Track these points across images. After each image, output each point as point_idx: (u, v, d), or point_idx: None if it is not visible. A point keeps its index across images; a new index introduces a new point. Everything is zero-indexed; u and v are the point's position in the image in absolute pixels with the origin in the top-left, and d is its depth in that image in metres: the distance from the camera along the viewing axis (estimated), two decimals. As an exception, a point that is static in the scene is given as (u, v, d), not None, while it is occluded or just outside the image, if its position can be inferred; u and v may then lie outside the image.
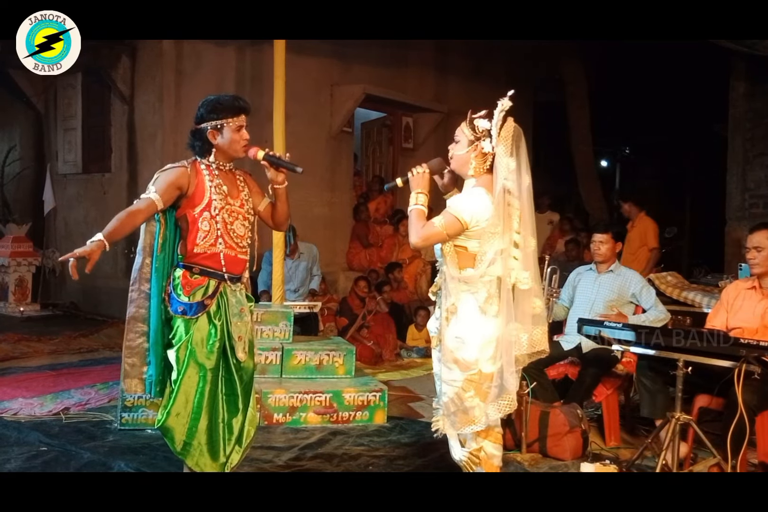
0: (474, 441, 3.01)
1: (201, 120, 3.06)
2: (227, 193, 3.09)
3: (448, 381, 2.97)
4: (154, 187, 2.97)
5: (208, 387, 3.03)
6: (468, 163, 3.00)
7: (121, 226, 2.91)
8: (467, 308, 2.93)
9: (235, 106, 3.06)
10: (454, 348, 2.94)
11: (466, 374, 2.93)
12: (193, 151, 3.11)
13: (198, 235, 3.02)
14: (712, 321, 4.08)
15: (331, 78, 8.27)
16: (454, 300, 2.95)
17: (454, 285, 2.95)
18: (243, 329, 3.14)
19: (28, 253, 8.49)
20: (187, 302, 3.01)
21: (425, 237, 2.93)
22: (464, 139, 2.99)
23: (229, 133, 3.04)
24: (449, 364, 2.96)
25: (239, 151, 3.09)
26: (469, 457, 3.01)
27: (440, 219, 2.91)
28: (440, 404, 3.08)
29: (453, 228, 2.90)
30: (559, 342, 4.55)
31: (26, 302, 8.40)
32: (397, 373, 6.23)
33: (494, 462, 3.03)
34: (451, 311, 2.96)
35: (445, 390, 3.00)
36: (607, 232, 4.64)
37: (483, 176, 2.98)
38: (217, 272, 3.06)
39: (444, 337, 2.99)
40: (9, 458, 3.74)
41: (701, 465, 3.61)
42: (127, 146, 8.11)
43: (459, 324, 2.94)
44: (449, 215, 2.91)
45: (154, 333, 3.10)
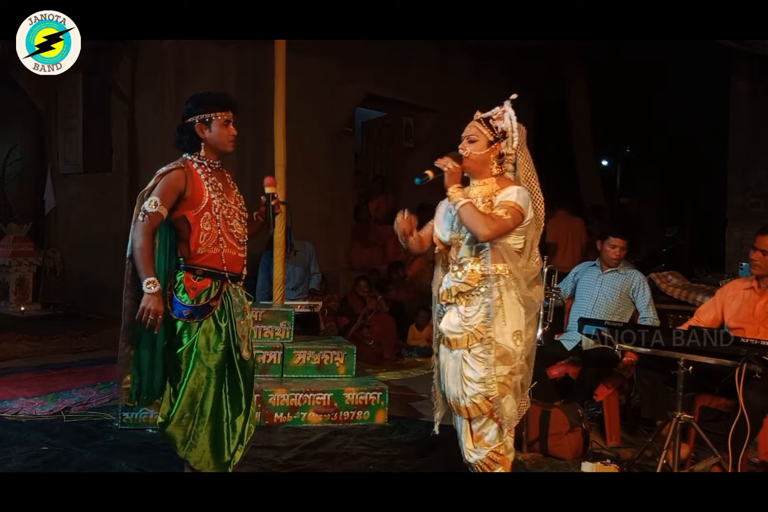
0: (498, 437, 2.99)
1: (188, 114, 3.05)
2: (223, 190, 3.09)
3: (488, 378, 2.94)
4: (158, 198, 2.94)
5: (213, 389, 3.03)
6: (488, 163, 3.01)
7: (150, 254, 2.95)
8: (515, 301, 2.97)
9: (223, 101, 3.08)
10: (509, 342, 2.94)
11: (510, 368, 2.95)
12: (181, 147, 3.09)
13: (200, 236, 3.01)
14: (700, 317, 4.07)
15: (332, 77, 8.26)
16: (500, 294, 2.95)
17: (499, 281, 2.95)
18: (246, 328, 3.16)
19: (29, 252, 8.49)
20: (192, 305, 2.99)
21: (497, 229, 2.89)
22: (483, 139, 2.99)
23: (216, 127, 3.03)
24: (494, 361, 2.93)
25: (227, 145, 3.08)
26: (491, 455, 2.99)
27: (505, 211, 2.90)
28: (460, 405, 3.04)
29: (516, 220, 2.92)
30: (560, 341, 4.56)
31: (27, 302, 8.39)
32: (398, 373, 6.23)
33: (511, 458, 3.04)
34: (498, 306, 2.94)
35: (481, 390, 2.95)
36: (625, 238, 4.66)
37: (501, 177, 3.03)
38: (220, 272, 3.06)
39: (491, 333, 2.94)
40: (10, 457, 3.74)
41: (702, 465, 3.61)
42: (127, 146, 8.11)
43: (509, 317, 2.95)
44: (513, 208, 2.90)
45: (137, 337, 3.06)
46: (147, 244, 2.92)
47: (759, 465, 3.77)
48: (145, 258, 2.90)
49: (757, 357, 3.28)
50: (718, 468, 3.51)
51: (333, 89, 8.32)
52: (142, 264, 2.90)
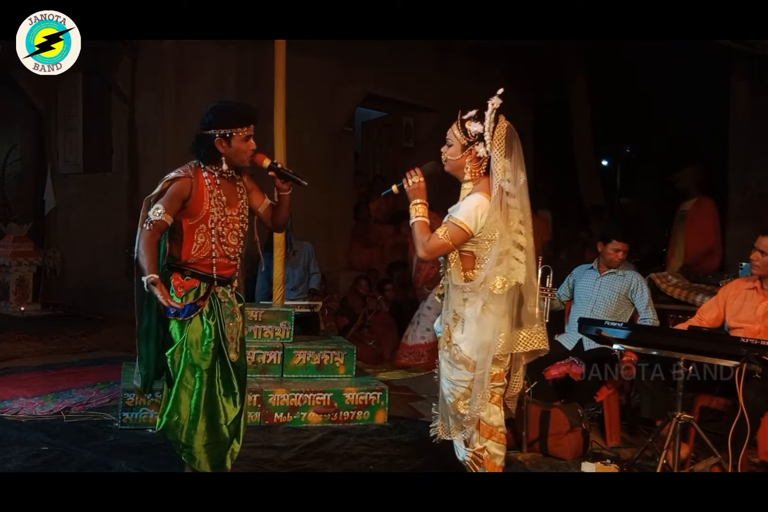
0: (478, 441, 3.01)
1: (208, 126, 3.02)
2: (226, 203, 3.08)
3: (456, 381, 2.98)
4: (162, 206, 2.96)
5: (204, 389, 3.04)
6: (463, 167, 2.98)
7: (153, 260, 2.97)
8: (472, 311, 2.93)
9: (246, 116, 3.04)
10: (462, 350, 2.94)
11: (473, 375, 2.94)
12: (198, 157, 3.08)
13: (193, 247, 3.05)
14: (702, 315, 4.07)
15: (332, 77, 8.26)
16: (459, 303, 2.95)
17: (456, 291, 2.95)
18: (235, 330, 3.18)
19: (29, 252, 8.48)
20: (179, 303, 3.01)
21: (432, 250, 2.92)
22: (457, 144, 2.96)
23: (236, 142, 3.02)
24: (458, 365, 2.97)
25: (245, 160, 3.08)
26: (473, 457, 3.02)
27: (443, 230, 2.89)
28: (441, 407, 3.09)
29: (458, 237, 2.89)
30: (560, 341, 4.56)
31: (27, 302, 8.39)
32: (398, 373, 6.23)
33: (497, 462, 3.03)
34: (459, 312, 2.97)
35: (453, 390, 3.00)
36: (628, 241, 4.65)
37: (480, 180, 2.97)
38: (208, 275, 3.09)
39: (452, 338, 2.99)
40: (10, 457, 3.74)
41: (702, 465, 3.61)
42: (128, 146, 8.10)
43: (467, 325, 2.94)
44: (452, 225, 2.89)
45: (146, 333, 3.13)
46: (151, 251, 2.97)
47: (759, 465, 3.77)
48: (148, 263, 2.94)
49: (757, 357, 3.28)
50: (718, 468, 3.51)
51: (333, 89, 8.32)
52: (146, 266, 2.93)
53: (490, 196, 2.90)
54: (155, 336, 3.13)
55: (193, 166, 3.07)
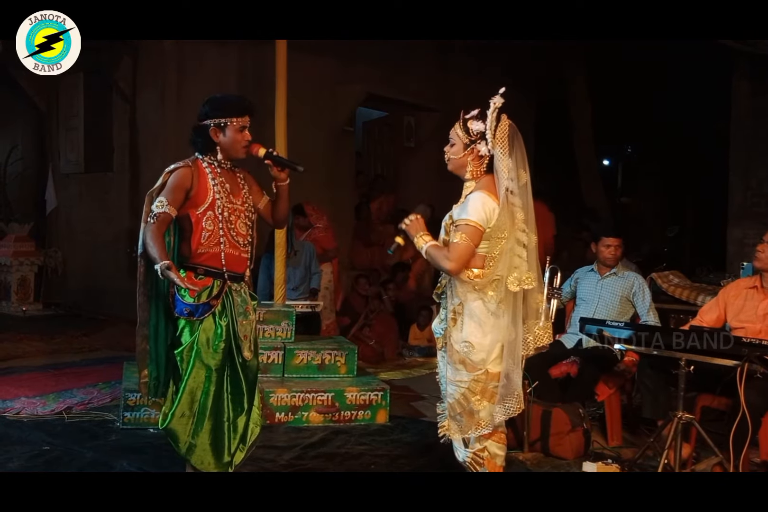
0: (477, 441, 3.01)
1: (205, 117, 3.04)
2: (229, 191, 3.08)
3: (455, 381, 2.98)
4: (165, 198, 2.93)
5: (213, 388, 3.03)
6: (465, 166, 2.99)
7: (162, 245, 2.88)
8: (474, 309, 2.93)
9: (241, 106, 3.05)
10: (461, 349, 2.94)
11: (473, 375, 2.93)
12: (195, 148, 3.10)
13: (202, 235, 3.01)
14: (703, 317, 4.06)
15: (333, 77, 8.27)
16: (462, 300, 2.95)
17: (462, 287, 2.94)
18: (248, 328, 3.15)
19: (31, 252, 8.50)
20: (193, 303, 2.99)
21: (457, 257, 2.87)
22: (459, 143, 2.97)
23: (231, 132, 3.02)
24: (456, 365, 2.96)
25: (240, 151, 3.07)
26: (473, 457, 3.02)
27: (459, 235, 2.87)
28: (445, 407, 3.09)
29: (476, 236, 2.88)
30: (561, 341, 4.55)
31: (28, 301, 8.41)
32: (399, 373, 6.23)
33: (497, 462, 3.03)
34: (458, 312, 2.96)
35: (452, 391, 3.00)
36: (619, 237, 4.64)
37: (481, 178, 2.98)
38: (219, 271, 3.06)
39: (450, 338, 2.98)
40: (11, 457, 3.75)
41: (703, 465, 3.60)
42: (129, 145, 8.11)
43: (466, 325, 2.94)
44: (465, 226, 2.87)
45: (155, 332, 3.11)
46: (159, 242, 2.87)
47: (760, 464, 3.77)
48: (158, 252, 2.82)
49: (759, 357, 3.27)
50: (719, 468, 3.51)
51: (334, 89, 8.32)
52: (156, 255, 2.82)
53: (491, 194, 2.91)
54: (164, 335, 3.11)
55: (192, 159, 3.08)
